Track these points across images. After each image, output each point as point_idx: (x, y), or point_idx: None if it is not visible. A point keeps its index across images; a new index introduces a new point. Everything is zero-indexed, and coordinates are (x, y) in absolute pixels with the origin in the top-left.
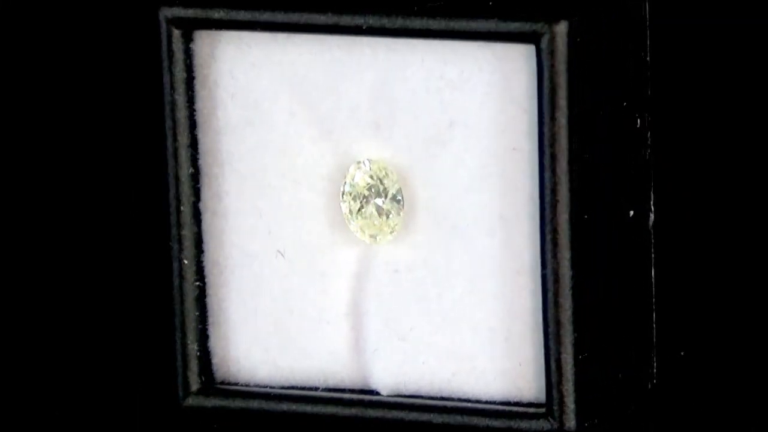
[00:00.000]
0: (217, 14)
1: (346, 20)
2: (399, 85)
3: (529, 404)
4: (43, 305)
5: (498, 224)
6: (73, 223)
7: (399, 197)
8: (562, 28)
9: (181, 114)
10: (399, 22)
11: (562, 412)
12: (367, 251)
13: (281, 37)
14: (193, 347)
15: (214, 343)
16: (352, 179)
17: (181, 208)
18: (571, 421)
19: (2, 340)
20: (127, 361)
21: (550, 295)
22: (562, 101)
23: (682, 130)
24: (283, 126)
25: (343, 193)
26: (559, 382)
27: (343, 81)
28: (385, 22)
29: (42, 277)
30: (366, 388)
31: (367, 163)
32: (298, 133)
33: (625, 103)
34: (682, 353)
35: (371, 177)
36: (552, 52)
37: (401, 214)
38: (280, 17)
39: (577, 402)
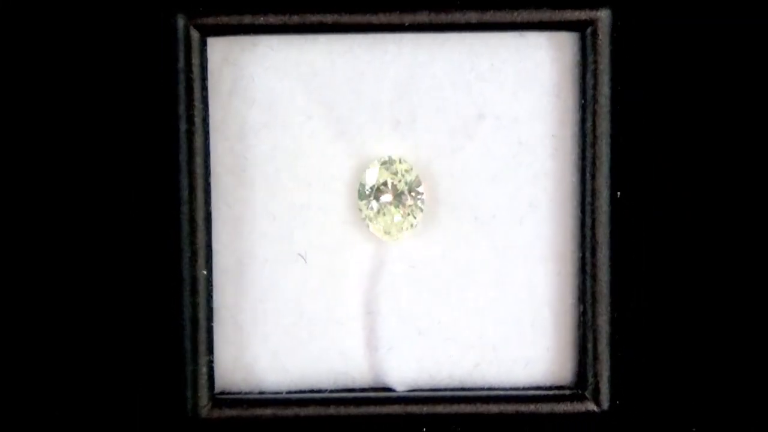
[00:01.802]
0: (247, 19)
1: (385, 18)
2: (424, 81)
3: (555, 387)
4: (51, 315)
5: (527, 212)
6: (85, 232)
7: (419, 194)
8: (605, 16)
9: (198, 122)
10: (440, 18)
11: (597, 393)
12: (381, 249)
13: (300, 39)
14: (204, 359)
15: (225, 353)
16: (371, 177)
17: (196, 219)
18: (605, 402)
19: (13, 350)
20: (137, 373)
21: (588, 278)
22: (605, 87)
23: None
24: (299, 128)
25: (360, 192)
26: (595, 364)
27: (364, 80)
28: (425, 18)
29: (51, 287)
30: (380, 386)
31: (386, 160)
32: (315, 134)
33: (662, 89)
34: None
35: (390, 174)
36: (595, 39)
37: (421, 210)
38: (310, 19)
39: (611, 383)
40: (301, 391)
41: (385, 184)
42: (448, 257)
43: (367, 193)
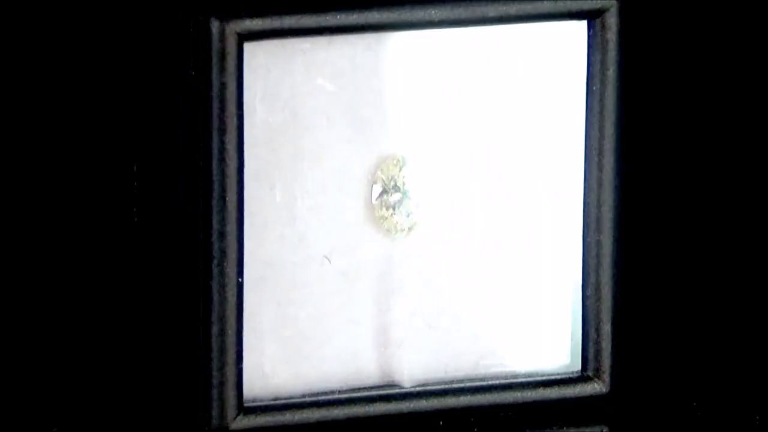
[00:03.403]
0: (287, 22)
1: (403, 16)
2: (438, 77)
3: (563, 373)
4: (77, 324)
5: (533, 202)
6: (113, 237)
7: (427, 191)
8: (614, 5)
9: (232, 130)
10: (455, 13)
11: (599, 376)
12: (392, 247)
13: (324, 40)
14: (232, 369)
15: (244, 360)
16: (384, 176)
17: (226, 228)
18: (607, 386)
19: (36, 354)
20: (161, 384)
21: (592, 263)
22: (614, 77)
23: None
24: (319, 130)
25: (374, 191)
26: (598, 348)
27: (381, 79)
28: (439, 13)
29: (77, 295)
30: (389, 383)
31: (395, 159)
32: (333, 135)
33: (672, 80)
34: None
35: (400, 173)
36: (605, 29)
37: (429, 206)
38: (349, 19)
39: (612, 366)
40: (316, 394)
41: (395, 182)
42: (455, 250)
43: (379, 192)
